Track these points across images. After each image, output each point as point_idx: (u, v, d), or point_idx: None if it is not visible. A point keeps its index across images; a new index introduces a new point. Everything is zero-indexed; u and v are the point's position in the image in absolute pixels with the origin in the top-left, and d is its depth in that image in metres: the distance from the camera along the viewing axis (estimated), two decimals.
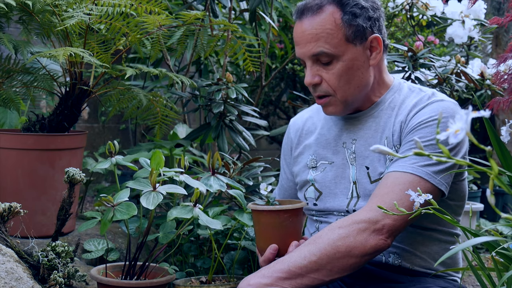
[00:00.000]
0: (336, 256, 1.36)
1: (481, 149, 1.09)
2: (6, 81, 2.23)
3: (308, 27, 1.51)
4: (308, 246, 1.39)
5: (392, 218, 1.37)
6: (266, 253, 1.50)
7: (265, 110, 4.22)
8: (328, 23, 1.49)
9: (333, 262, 1.36)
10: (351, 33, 1.50)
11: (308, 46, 1.51)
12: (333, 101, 1.55)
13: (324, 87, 1.54)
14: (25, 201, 1.96)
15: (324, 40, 1.49)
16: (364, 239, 1.36)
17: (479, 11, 2.83)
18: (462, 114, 0.73)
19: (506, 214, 0.85)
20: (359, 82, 1.53)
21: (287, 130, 1.81)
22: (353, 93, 1.54)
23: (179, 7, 2.89)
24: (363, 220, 1.37)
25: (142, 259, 1.95)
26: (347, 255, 1.36)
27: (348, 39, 1.50)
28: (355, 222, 1.38)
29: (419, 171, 1.40)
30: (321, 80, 1.53)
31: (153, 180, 1.57)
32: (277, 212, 1.51)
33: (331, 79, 1.52)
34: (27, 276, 1.58)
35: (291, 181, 1.78)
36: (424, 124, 1.46)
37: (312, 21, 1.50)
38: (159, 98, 2.51)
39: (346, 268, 1.37)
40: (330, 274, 1.37)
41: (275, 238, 1.50)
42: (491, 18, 1.57)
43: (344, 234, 1.37)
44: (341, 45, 1.49)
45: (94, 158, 3.73)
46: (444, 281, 1.53)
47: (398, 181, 1.40)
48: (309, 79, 1.54)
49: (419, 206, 1.14)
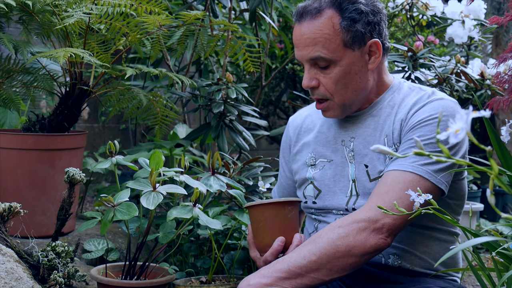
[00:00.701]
0: (336, 255, 1.36)
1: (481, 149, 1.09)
2: (6, 81, 2.23)
3: (306, 31, 1.51)
4: (308, 245, 1.39)
5: (392, 217, 1.37)
6: (274, 245, 1.50)
7: (265, 110, 4.22)
8: (326, 27, 1.49)
9: (333, 262, 1.36)
10: (349, 39, 1.49)
11: (306, 49, 1.51)
12: (332, 105, 1.56)
13: (322, 90, 1.54)
14: (25, 201, 1.96)
15: (321, 45, 1.49)
16: (364, 238, 1.36)
17: (479, 11, 2.83)
18: (462, 114, 0.73)
19: (506, 214, 0.85)
20: (356, 87, 1.53)
21: (286, 128, 1.81)
22: (351, 97, 1.54)
23: (179, 7, 2.89)
24: (362, 219, 1.37)
25: (142, 259, 1.95)
26: (347, 255, 1.36)
27: (346, 45, 1.50)
28: (354, 221, 1.38)
29: (419, 170, 1.40)
30: (318, 84, 1.54)
31: (153, 180, 1.57)
32: (282, 203, 1.53)
33: (328, 84, 1.52)
34: (27, 276, 1.58)
35: (290, 179, 1.78)
36: (424, 122, 1.46)
37: (311, 25, 1.50)
38: (159, 98, 2.51)
39: (346, 267, 1.37)
40: (330, 273, 1.37)
41: (281, 231, 1.52)
42: (491, 18, 1.57)
43: (344, 234, 1.37)
44: (338, 50, 1.50)
45: (94, 158, 3.73)
46: (444, 281, 1.53)
47: (398, 179, 1.40)
48: (306, 82, 1.55)
49: (419, 206, 1.13)
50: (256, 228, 1.56)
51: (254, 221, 1.57)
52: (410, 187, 1.35)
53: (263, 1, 2.54)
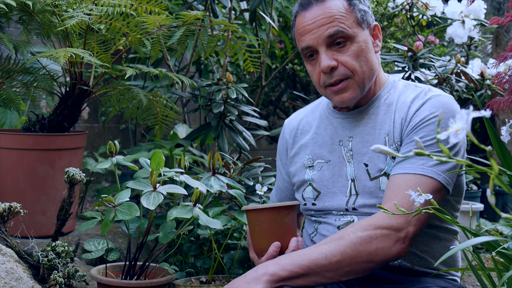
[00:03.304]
0: (357, 260, 1.36)
1: (481, 149, 1.09)
2: (6, 81, 2.23)
3: (320, 12, 1.52)
4: (329, 244, 1.39)
5: (414, 226, 1.38)
6: (269, 251, 1.50)
7: (265, 110, 4.22)
8: (340, 7, 1.52)
9: (353, 265, 1.37)
10: (360, 17, 1.54)
11: (322, 29, 1.51)
12: (351, 84, 1.53)
13: (342, 70, 1.53)
14: (25, 201, 1.96)
15: (339, 21, 1.51)
16: (387, 247, 1.37)
17: (479, 11, 2.83)
18: (463, 114, 0.73)
19: (506, 214, 0.85)
20: (372, 65, 1.55)
21: (281, 131, 1.81)
22: (369, 76, 1.55)
23: (179, 7, 2.89)
24: (386, 227, 1.38)
25: (142, 259, 1.95)
26: (368, 261, 1.37)
27: (358, 22, 1.53)
28: (378, 227, 1.38)
29: (430, 172, 1.41)
30: (337, 64, 1.53)
31: (153, 180, 1.57)
32: (278, 208, 1.52)
33: (348, 60, 1.52)
34: (27, 276, 1.58)
35: (288, 182, 1.77)
36: (425, 122, 1.47)
37: (323, 7, 1.52)
38: (159, 98, 2.51)
39: (364, 271, 1.39)
40: (347, 275, 1.38)
41: (277, 236, 1.51)
42: (491, 18, 1.57)
43: (367, 239, 1.37)
44: (354, 27, 1.52)
45: (94, 158, 3.73)
46: (444, 280, 1.53)
47: (412, 183, 1.41)
48: (326, 63, 1.51)
49: (419, 206, 1.14)
50: (253, 232, 1.56)
51: (251, 225, 1.57)
52: (424, 191, 1.37)
53: (263, 1, 2.54)
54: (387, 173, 1.51)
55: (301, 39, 1.55)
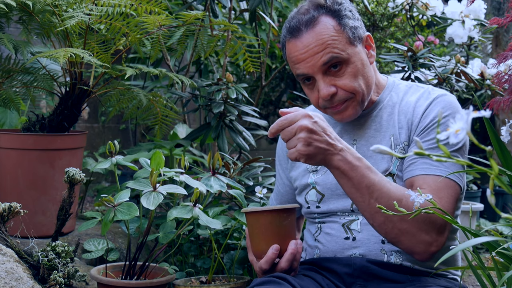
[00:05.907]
0: (401, 227, 1.38)
1: (481, 149, 1.09)
2: (6, 81, 2.23)
3: (311, 40, 1.49)
4: (396, 191, 1.38)
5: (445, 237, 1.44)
6: (268, 253, 1.49)
7: (265, 110, 4.22)
8: (330, 30, 1.49)
9: (392, 223, 1.38)
10: (352, 35, 1.51)
11: (316, 57, 1.49)
12: (352, 103, 1.54)
13: (342, 94, 1.52)
14: (25, 201, 1.96)
15: (332, 46, 1.49)
16: (427, 243, 1.41)
17: (479, 11, 2.83)
18: (463, 113, 0.73)
19: (506, 214, 0.85)
20: (370, 79, 1.55)
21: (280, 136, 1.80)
22: (369, 91, 1.55)
23: (179, 7, 2.89)
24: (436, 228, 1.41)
25: (142, 259, 1.95)
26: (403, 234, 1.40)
27: (351, 41, 1.51)
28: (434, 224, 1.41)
29: (452, 175, 1.43)
30: (336, 90, 1.52)
31: (153, 180, 1.57)
32: (278, 211, 1.51)
33: (346, 84, 1.51)
34: (27, 276, 1.58)
35: (288, 186, 1.77)
36: (435, 123, 1.48)
37: (313, 34, 1.49)
38: (159, 98, 2.51)
39: (387, 233, 1.41)
40: (378, 218, 1.39)
41: (276, 238, 1.50)
42: (491, 18, 1.57)
43: (421, 226, 1.39)
44: (347, 48, 1.50)
45: (94, 158, 3.73)
46: (445, 280, 1.53)
47: (441, 184, 1.43)
48: (325, 91, 1.50)
49: (419, 206, 1.13)
50: (251, 234, 1.56)
51: (250, 227, 1.56)
52: (450, 192, 1.43)
53: (263, 1, 2.54)
54: (392, 173, 1.51)
55: (295, 66, 1.54)
